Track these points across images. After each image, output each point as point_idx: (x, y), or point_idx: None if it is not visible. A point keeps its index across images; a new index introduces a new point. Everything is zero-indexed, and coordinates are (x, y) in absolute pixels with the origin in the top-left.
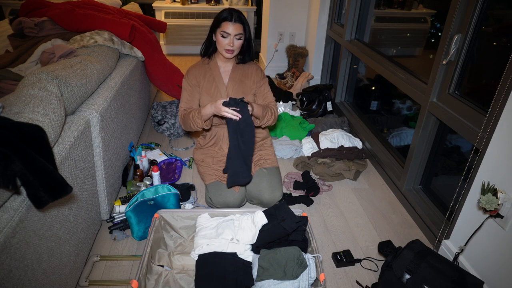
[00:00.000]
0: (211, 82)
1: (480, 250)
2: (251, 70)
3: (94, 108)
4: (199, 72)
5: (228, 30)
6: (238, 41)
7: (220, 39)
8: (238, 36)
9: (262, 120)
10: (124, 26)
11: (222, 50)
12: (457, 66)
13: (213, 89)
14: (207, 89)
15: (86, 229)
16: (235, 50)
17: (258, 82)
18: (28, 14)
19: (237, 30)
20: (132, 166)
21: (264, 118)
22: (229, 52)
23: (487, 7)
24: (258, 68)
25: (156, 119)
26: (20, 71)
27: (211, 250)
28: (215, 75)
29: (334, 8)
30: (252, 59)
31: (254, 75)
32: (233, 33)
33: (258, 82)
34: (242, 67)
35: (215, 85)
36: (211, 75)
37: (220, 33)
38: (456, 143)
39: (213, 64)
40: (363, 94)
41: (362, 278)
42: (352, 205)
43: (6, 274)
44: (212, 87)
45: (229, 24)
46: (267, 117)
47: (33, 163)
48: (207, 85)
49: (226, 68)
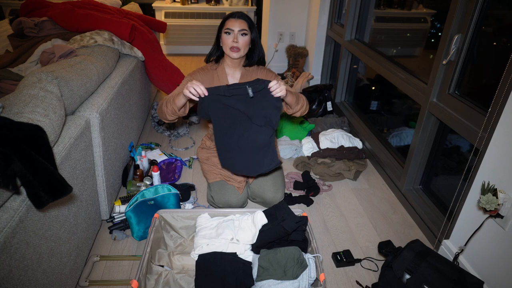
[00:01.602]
0: None
1: (480, 250)
2: (261, 75)
3: (94, 108)
4: (206, 77)
5: (232, 26)
6: (242, 37)
7: (225, 37)
8: (242, 32)
9: (295, 107)
10: (124, 26)
11: (227, 49)
12: (457, 66)
13: None
14: None
15: (86, 229)
16: (240, 48)
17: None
18: (28, 14)
19: (241, 26)
20: (132, 166)
21: (298, 105)
22: (235, 50)
23: (487, 7)
24: (269, 71)
25: (156, 119)
26: (20, 71)
27: (211, 250)
28: (222, 81)
29: (334, 8)
30: (260, 63)
31: (267, 78)
32: (237, 29)
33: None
34: (251, 73)
35: None
36: (218, 81)
37: (225, 31)
38: (456, 143)
39: (220, 70)
40: (363, 94)
41: (362, 278)
42: (352, 205)
43: (6, 274)
44: None
45: (233, 21)
46: (301, 104)
47: (33, 163)
48: None
49: (235, 76)
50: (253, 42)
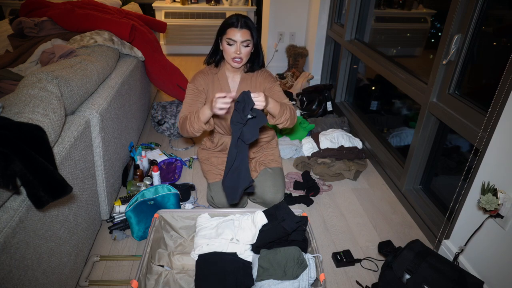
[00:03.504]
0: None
1: (480, 250)
2: (260, 79)
3: (94, 108)
4: (207, 80)
5: (234, 37)
6: (245, 48)
7: (226, 47)
8: (245, 43)
9: (279, 118)
10: (124, 26)
11: (229, 59)
12: (457, 66)
13: None
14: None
15: (86, 229)
16: (243, 58)
17: (269, 88)
18: (28, 14)
19: (244, 37)
20: (132, 166)
21: (282, 116)
22: (237, 61)
23: (487, 7)
24: (268, 75)
25: (156, 119)
26: (20, 71)
27: (211, 250)
28: (223, 86)
29: (334, 8)
30: (261, 67)
31: (266, 83)
32: (240, 40)
33: (269, 89)
34: (251, 76)
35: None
36: (218, 85)
37: (226, 41)
38: (456, 143)
39: (221, 74)
40: (363, 94)
41: (362, 278)
42: (352, 205)
43: (6, 274)
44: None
45: (235, 31)
46: (285, 116)
47: (33, 163)
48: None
49: (235, 79)
50: (255, 47)
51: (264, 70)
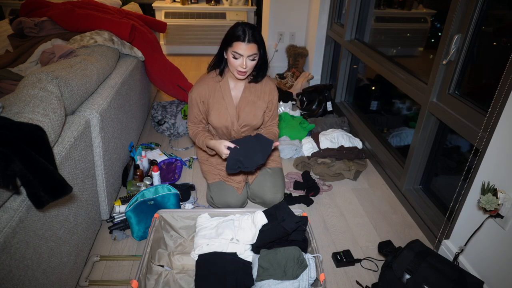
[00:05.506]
0: (220, 102)
1: (480, 250)
2: (263, 88)
3: (94, 108)
4: (208, 89)
5: (241, 51)
6: (251, 62)
7: (232, 60)
8: (251, 57)
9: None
10: (124, 26)
11: (234, 71)
12: (457, 66)
13: (222, 109)
14: (217, 108)
15: (86, 229)
16: (248, 71)
17: (270, 101)
18: (28, 14)
19: (251, 51)
20: (132, 166)
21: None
22: (241, 74)
23: (487, 7)
24: (273, 88)
25: (156, 119)
26: (20, 71)
27: (211, 250)
28: (225, 94)
29: (334, 8)
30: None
31: (267, 94)
32: (246, 55)
33: (270, 101)
34: (254, 85)
35: (224, 106)
36: (220, 93)
37: (232, 54)
38: (456, 143)
39: (223, 83)
40: (363, 94)
41: (362, 278)
42: (352, 205)
43: (6, 274)
44: (221, 108)
45: (242, 45)
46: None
47: (33, 163)
48: (217, 105)
49: (238, 88)
50: (261, 59)
51: (268, 80)
